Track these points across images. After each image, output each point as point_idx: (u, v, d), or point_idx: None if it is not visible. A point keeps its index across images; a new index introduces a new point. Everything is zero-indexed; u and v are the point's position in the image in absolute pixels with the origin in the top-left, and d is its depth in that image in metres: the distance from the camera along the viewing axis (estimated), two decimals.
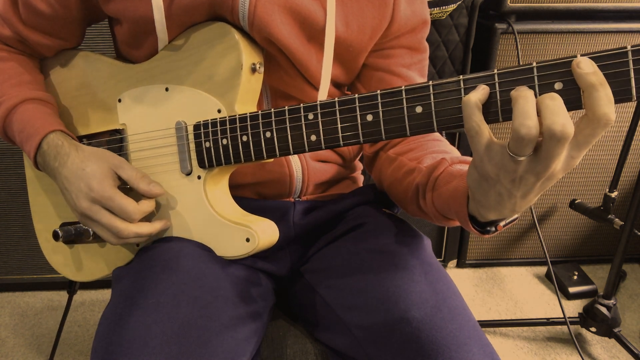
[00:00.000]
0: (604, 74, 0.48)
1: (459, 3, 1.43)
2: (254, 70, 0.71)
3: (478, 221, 0.62)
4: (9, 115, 0.78)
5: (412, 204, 0.76)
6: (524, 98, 0.49)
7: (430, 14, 1.39)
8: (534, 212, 1.57)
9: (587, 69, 0.48)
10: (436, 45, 1.50)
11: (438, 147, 0.78)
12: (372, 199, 0.87)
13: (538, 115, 0.48)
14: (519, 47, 1.50)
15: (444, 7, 1.41)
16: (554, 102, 0.48)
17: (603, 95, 0.47)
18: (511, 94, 0.50)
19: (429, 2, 1.37)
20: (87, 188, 0.70)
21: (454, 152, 0.76)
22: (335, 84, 0.81)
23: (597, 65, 0.48)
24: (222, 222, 0.72)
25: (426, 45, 0.83)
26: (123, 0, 0.72)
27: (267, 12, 0.69)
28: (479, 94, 0.52)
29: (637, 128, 1.38)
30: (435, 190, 0.69)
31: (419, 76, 0.82)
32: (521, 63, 1.51)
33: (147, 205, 0.73)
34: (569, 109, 0.49)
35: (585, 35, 1.55)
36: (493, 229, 0.62)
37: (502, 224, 0.61)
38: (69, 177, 0.72)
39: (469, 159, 0.66)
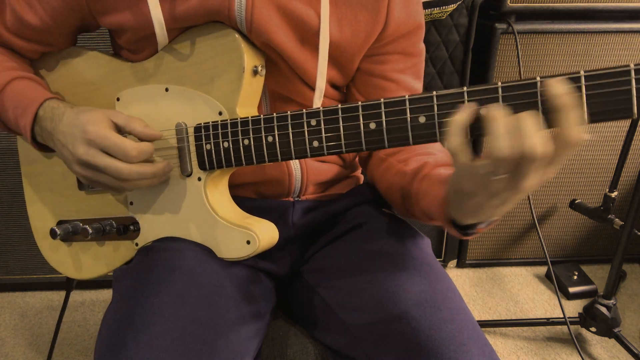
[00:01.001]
0: (606, 91, 0.49)
1: (459, 3, 1.43)
2: (255, 72, 0.71)
3: (458, 224, 0.65)
4: (0, 95, 0.76)
5: (399, 206, 0.79)
6: (497, 119, 0.50)
7: (430, 14, 1.40)
8: (534, 212, 1.57)
9: (559, 90, 0.49)
10: (436, 45, 1.50)
11: (425, 149, 0.79)
12: (370, 198, 0.87)
13: (513, 135, 0.50)
14: (519, 47, 1.50)
15: (444, 7, 1.41)
16: (528, 123, 0.49)
17: (573, 116, 0.49)
18: (484, 114, 0.52)
19: (429, 2, 1.37)
20: (81, 132, 0.68)
21: (441, 153, 0.78)
22: (332, 85, 0.81)
23: (600, 82, 0.49)
24: (222, 224, 0.72)
25: (421, 48, 0.83)
26: (121, 13, 0.72)
27: (264, 18, 0.69)
28: (467, 113, 0.53)
29: (637, 128, 1.38)
30: (418, 193, 0.71)
31: (413, 79, 0.82)
32: (521, 63, 1.51)
33: (144, 144, 0.70)
34: (542, 129, 0.50)
35: (585, 35, 1.55)
36: (473, 231, 0.65)
37: (481, 226, 0.64)
38: (64, 130, 0.71)
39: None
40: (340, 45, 0.74)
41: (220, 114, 0.70)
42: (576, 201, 1.65)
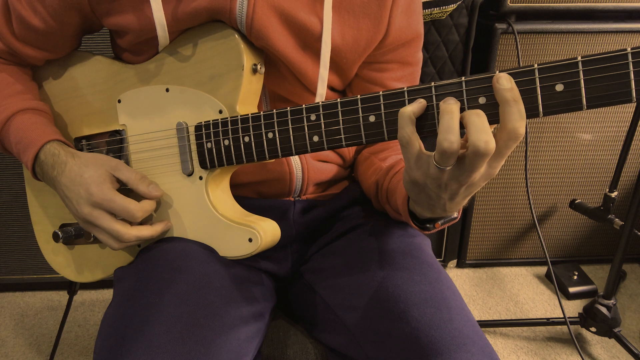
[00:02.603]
0: (604, 75, 0.49)
1: (459, 3, 1.43)
2: (254, 71, 0.71)
3: (419, 218, 0.69)
4: (5, 127, 0.77)
5: (375, 201, 0.83)
6: (449, 113, 0.52)
7: (430, 14, 1.40)
8: (534, 212, 1.57)
9: (505, 85, 0.51)
10: (436, 45, 1.50)
11: None
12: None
13: (462, 129, 0.52)
14: (519, 47, 1.50)
15: (444, 7, 1.41)
16: (480, 119, 0.52)
17: (515, 111, 0.51)
18: (440, 105, 0.54)
19: (429, 2, 1.37)
20: (86, 193, 0.70)
21: None
22: (331, 88, 0.82)
23: (598, 67, 0.49)
24: (224, 223, 0.72)
25: (419, 57, 0.84)
26: (123, 15, 0.72)
27: (265, 23, 0.69)
28: (414, 107, 0.55)
29: (637, 128, 1.38)
30: (389, 189, 0.76)
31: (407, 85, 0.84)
32: (521, 63, 1.51)
33: (148, 204, 0.73)
34: (490, 123, 0.52)
35: (585, 35, 1.55)
36: (431, 226, 0.69)
37: (439, 222, 0.68)
38: (68, 184, 0.72)
39: None
40: (341, 51, 0.75)
41: (220, 112, 0.70)
42: (576, 201, 1.65)
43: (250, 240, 0.71)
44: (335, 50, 0.74)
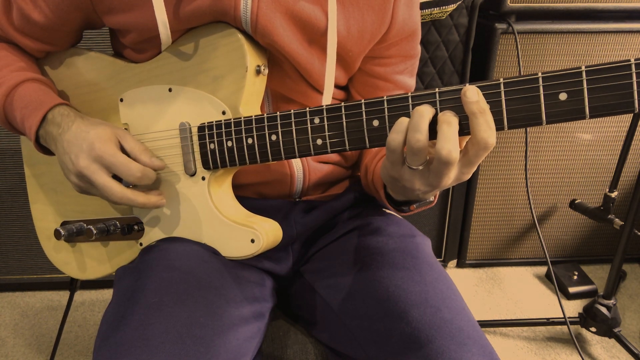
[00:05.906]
0: (607, 85, 0.50)
1: (459, 3, 1.43)
2: (258, 72, 0.71)
3: (395, 200, 0.72)
4: (10, 94, 0.76)
5: (363, 182, 0.86)
6: (420, 114, 0.55)
7: (430, 14, 1.40)
8: (534, 212, 1.57)
9: (471, 98, 0.53)
10: (436, 45, 1.50)
11: None
12: (369, 196, 0.87)
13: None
14: (519, 47, 1.50)
15: (444, 7, 1.41)
16: (449, 129, 0.54)
17: (482, 122, 0.53)
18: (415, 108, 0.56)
19: (429, 2, 1.37)
20: (88, 147, 0.69)
21: None
22: (336, 85, 0.81)
23: (601, 77, 0.50)
24: (226, 223, 0.72)
25: (419, 49, 0.85)
26: (125, 13, 0.72)
27: (269, 20, 0.69)
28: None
29: (637, 128, 1.38)
30: (374, 171, 0.80)
31: (409, 77, 0.85)
32: (521, 63, 1.51)
33: (150, 172, 0.72)
34: (462, 134, 0.55)
35: (585, 35, 1.55)
36: (407, 208, 0.72)
37: (414, 205, 0.71)
38: (70, 139, 0.71)
39: None
40: (347, 44, 0.75)
41: (223, 113, 0.70)
42: (576, 201, 1.65)
43: (252, 241, 0.71)
44: (340, 43, 0.74)
